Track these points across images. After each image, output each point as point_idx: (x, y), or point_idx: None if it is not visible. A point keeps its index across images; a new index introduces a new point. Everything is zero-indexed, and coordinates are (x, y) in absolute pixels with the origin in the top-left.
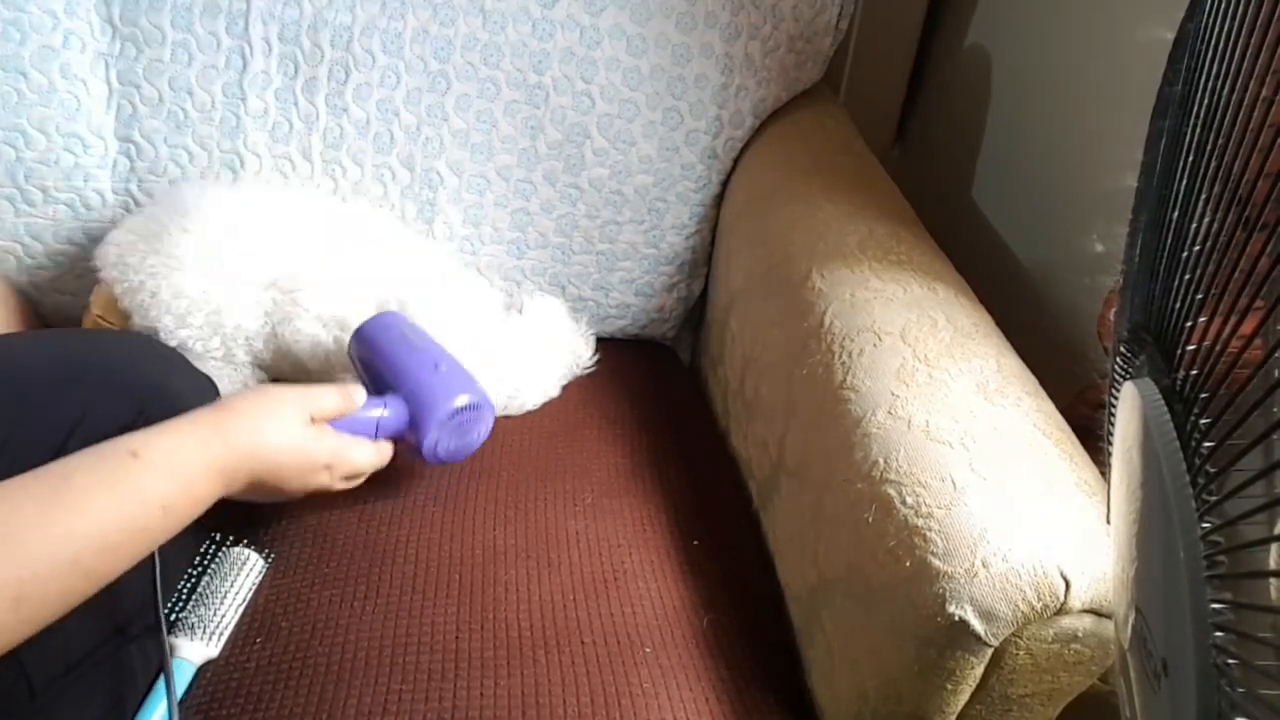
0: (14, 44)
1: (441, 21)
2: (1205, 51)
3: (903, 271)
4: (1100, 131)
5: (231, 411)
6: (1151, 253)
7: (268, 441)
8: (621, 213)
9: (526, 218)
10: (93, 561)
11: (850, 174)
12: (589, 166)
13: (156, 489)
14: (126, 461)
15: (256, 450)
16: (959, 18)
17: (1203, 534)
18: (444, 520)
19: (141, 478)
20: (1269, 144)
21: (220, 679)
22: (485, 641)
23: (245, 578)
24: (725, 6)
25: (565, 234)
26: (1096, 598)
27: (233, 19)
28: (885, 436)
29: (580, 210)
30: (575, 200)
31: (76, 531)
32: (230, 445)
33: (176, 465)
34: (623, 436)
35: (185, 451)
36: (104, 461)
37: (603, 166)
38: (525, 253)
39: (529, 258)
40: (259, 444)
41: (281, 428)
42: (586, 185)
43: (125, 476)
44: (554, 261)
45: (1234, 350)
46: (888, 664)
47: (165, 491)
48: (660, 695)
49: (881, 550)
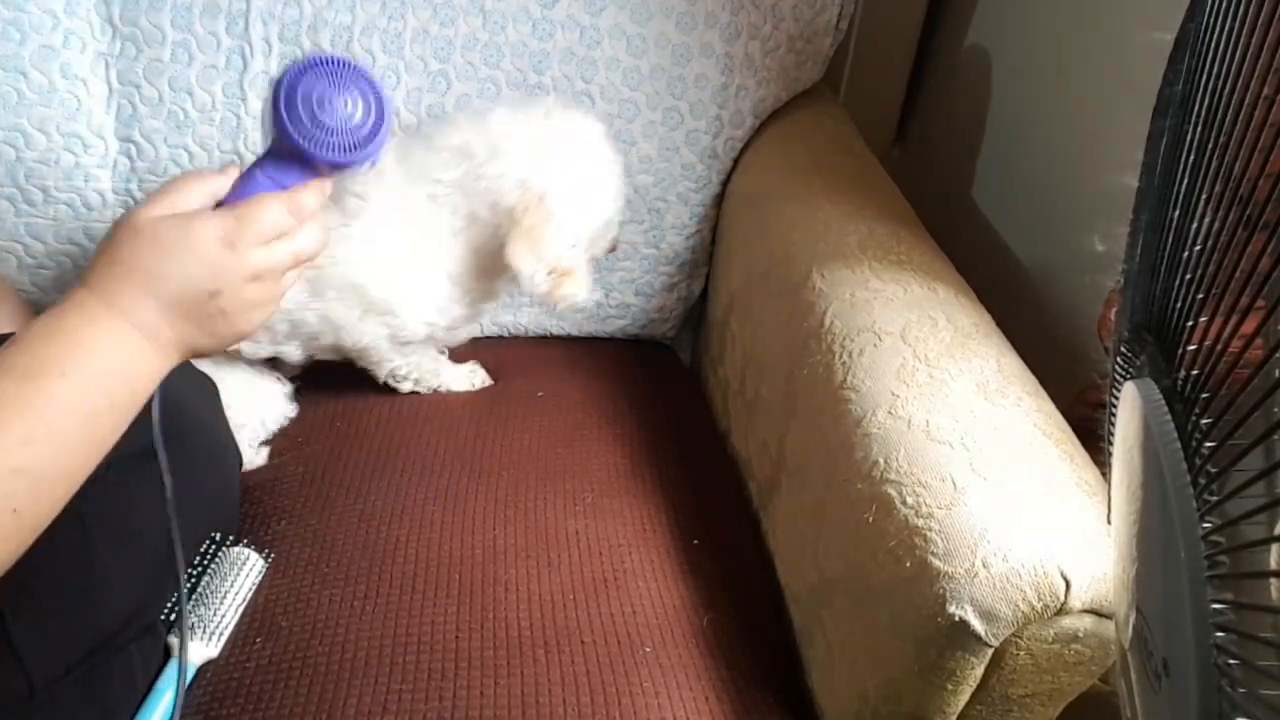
0: (14, 44)
1: (441, 21)
2: (1206, 51)
3: (903, 271)
4: (1100, 131)
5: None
6: (1152, 252)
7: (147, 263)
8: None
9: None
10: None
11: (850, 174)
12: None
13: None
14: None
15: (143, 278)
16: (959, 18)
17: (1203, 534)
18: (444, 520)
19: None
20: (1270, 144)
21: (220, 679)
22: (485, 641)
23: (245, 578)
24: (725, 6)
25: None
26: (1097, 598)
27: (233, 19)
28: (885, 436)
29: None
30: None
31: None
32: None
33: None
34: (623, 436)
35: (47, 319)
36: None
37: None
38: None
39: None
40: (142, 271)
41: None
42: None
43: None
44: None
45: (1235, 350)
46: (888, 664)
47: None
48: (660, 695)
49: (881, 550)
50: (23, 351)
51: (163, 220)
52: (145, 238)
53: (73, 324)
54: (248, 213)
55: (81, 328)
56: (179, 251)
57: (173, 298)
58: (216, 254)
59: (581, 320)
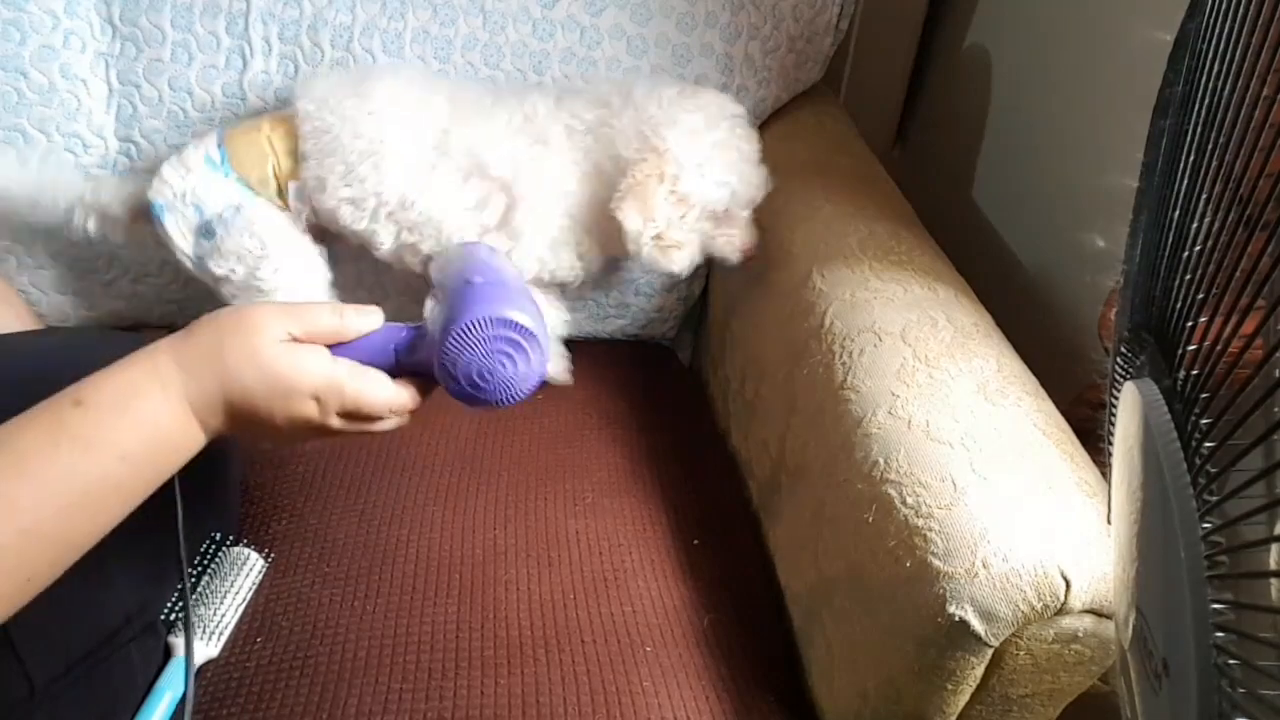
0: (14, 44)
1: (441, 21)
2: (1206, 51)
3: (903, 271)
4: (1100, 131)
5: (194, 332)
6: (1152, 252)
7: (233, 357)
8: None
9: None
10: (52, 528)
11: (850, 174)
12: None
13: (107, 436)
14: (68, 411)
15: (222, 369)
16: (959, 18)
17: (1203, 534)
18: (445, 520)
19: (87, 426)
20: (1270, 143)
21: (220, 679)
22: (486, 641)
23: (245, 578)
24: (725, 7)
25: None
26: (1097, 598)
27: (233, 19)
28: (885, 436)
29: None
30: None
31: (23, 497)
32: (189, 369)
33: (127, 404)
34: (623, 437)
35: (135, 387)
36: (45, 416)
37: None
38: None
39: None
40: (225, 361)
41: (252, 342)
42: None
43: (68, 428)
44: None
45: (1235, 350)
46: (888, 664)
47: (119, 437)
48: (660, 695)
49: (882, 550)
50: (91, 414)
51: (277, 353)
52: (253, 358)
53: (149, 400)
54: (352, 390)
55: (158, 412)
56: (274, 387)
57: (244, 414)
58: (299, 396)
59: (581, 320)
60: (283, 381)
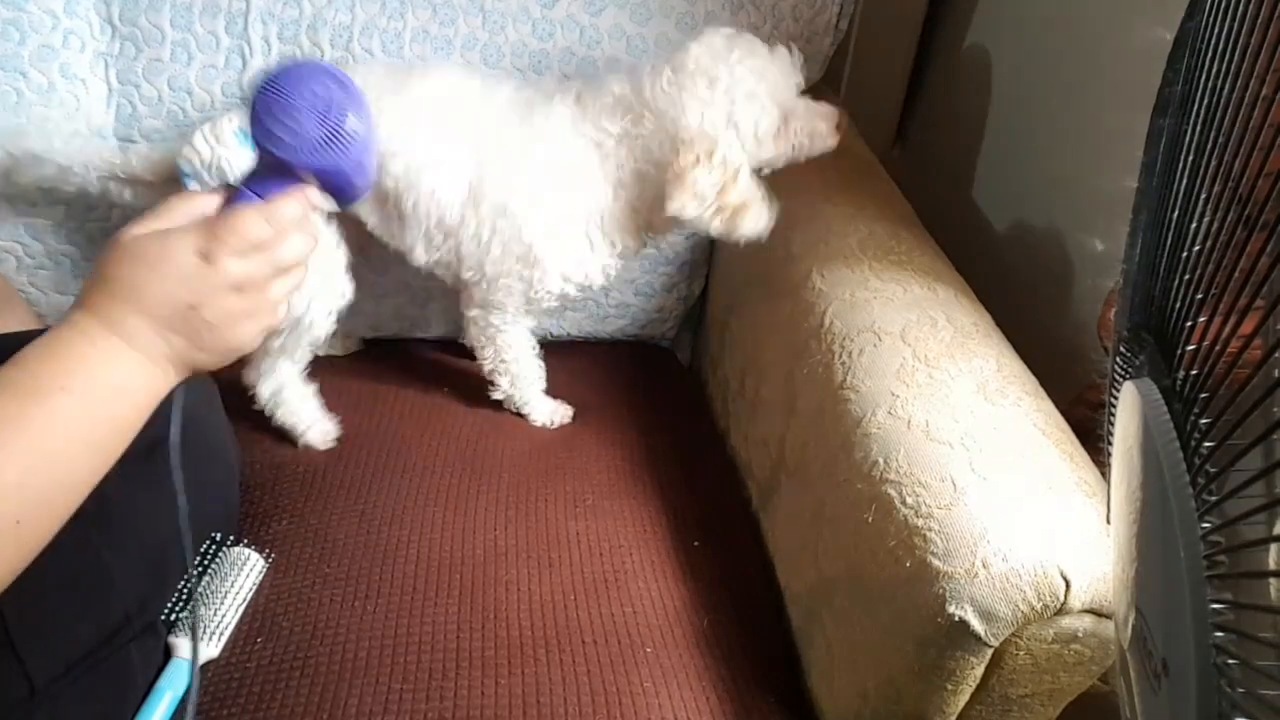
0: (14, 44)
1: (441, 21)
2: (1205, 51)
3: (903, 271)
4: (1100, 131)
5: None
6: (1152, 252)
7: (107, 266)
8: None
9: None
10: (15, 477)
11: (850, 174)
12: None
13: (41, 379)
14: (4, 371)
15: (104, 283)
16: (959, 18)
17: (1203, 534)
18: (445, 520)
19: (20, 375)
20: (1269, 143)
21: (221, 679)
22: (486, 641)
23: (245, 578)
24: (725, 6)
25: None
26: (1096, 598)
27: (232, 18)
28: (885, 436)
29: None
30: None
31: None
32: (85, 302)
33: (50, 350)
34: (623, 437)
35: (53, 337)
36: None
37: None
38: None
39: None
40: (103, 275)
41: (118, 243)
42: None
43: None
44: None
45: (1234, 350)
46: (888, 664)
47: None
48: (660, 695)
49: (881, 550)
50: (22, 369)
51: (145, 237)
52: (129, 255)
53: (70, 342)
54: (222, 225)
55: (78, 345)
56: (158, 266)
57: (157, 312)
58: (192, 267)
59: (581, 320)
60: (152, 250)
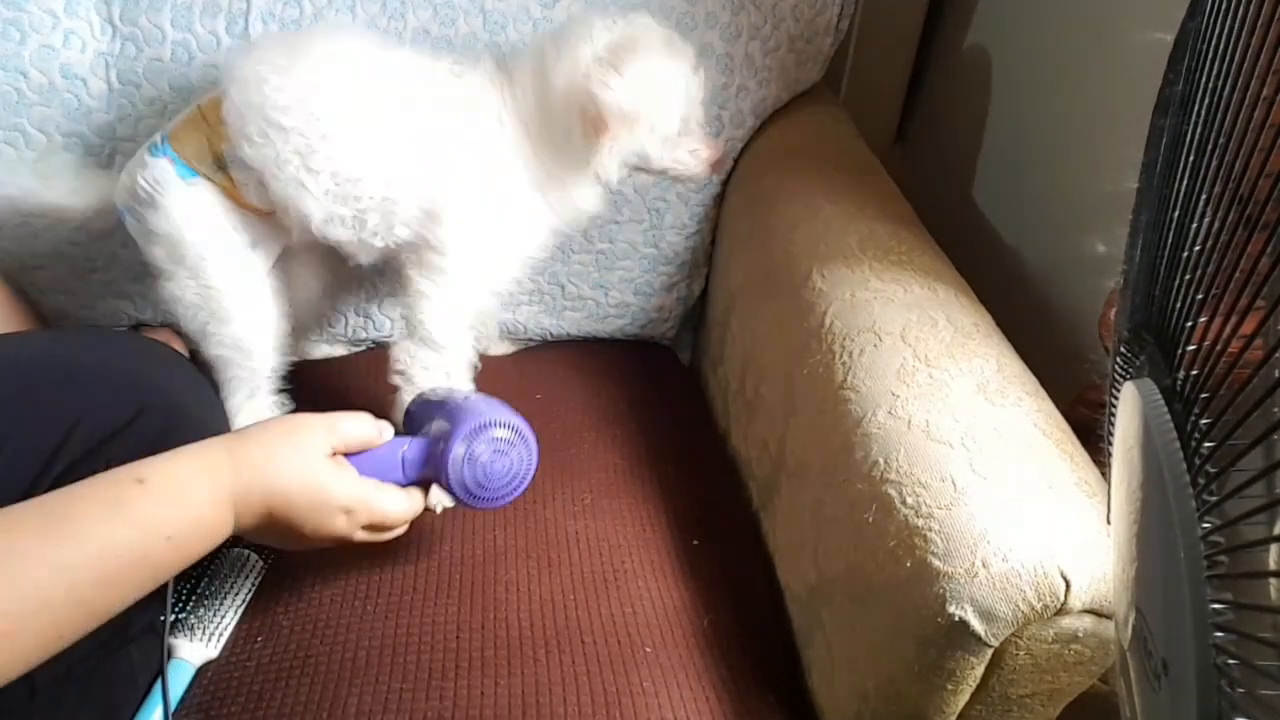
0: (14, 44)
1: (441, 21)
2: (1206, 51)
3: (903, 271)
4: (1100, 131)
5: (246, 437)
6: (1152, 252)
7: (281, 470)
8: (621, 212)
9: None
10: (90, 593)
11: (850, 174)
12: None
13: (161, 517)
14: (130, 488)
15: (270, 479)
16: (959, 18)
17: (1203, 534)
18: (444, 520)
19: (145, 505)
20: (1270, 143)
21: (220, 679)
22: (486, 641)
23: (245, 578)
24: (725, 7)
25: (564, 233)
26: (1097, 598)
27: (233, 19)
28: (885, 436)
29: None
30: None
31: (73, 561)
32: (240, 472)
33: (183, 492)
34: (622, 437)
35: (193, 478)
36: (107, 489)
37: None
38: None
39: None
40: (272, 472)
41: (299, 458)
42: None
43: (127, 504)
44: (552, 260)
45: (1234, 350)
46: (888, 664)
47: (170, 520)
48: (660, 695)
49: (881, 550)
50: (150, 495)
51: (323, 465)
52: (304, 474)
53: (201, 496)
54: (378, 509)
55: (204, 504)
56: (309, 492)
57: (276, 509)
58: (332, 511)
59: (580, 320)
60: (320, 496)
